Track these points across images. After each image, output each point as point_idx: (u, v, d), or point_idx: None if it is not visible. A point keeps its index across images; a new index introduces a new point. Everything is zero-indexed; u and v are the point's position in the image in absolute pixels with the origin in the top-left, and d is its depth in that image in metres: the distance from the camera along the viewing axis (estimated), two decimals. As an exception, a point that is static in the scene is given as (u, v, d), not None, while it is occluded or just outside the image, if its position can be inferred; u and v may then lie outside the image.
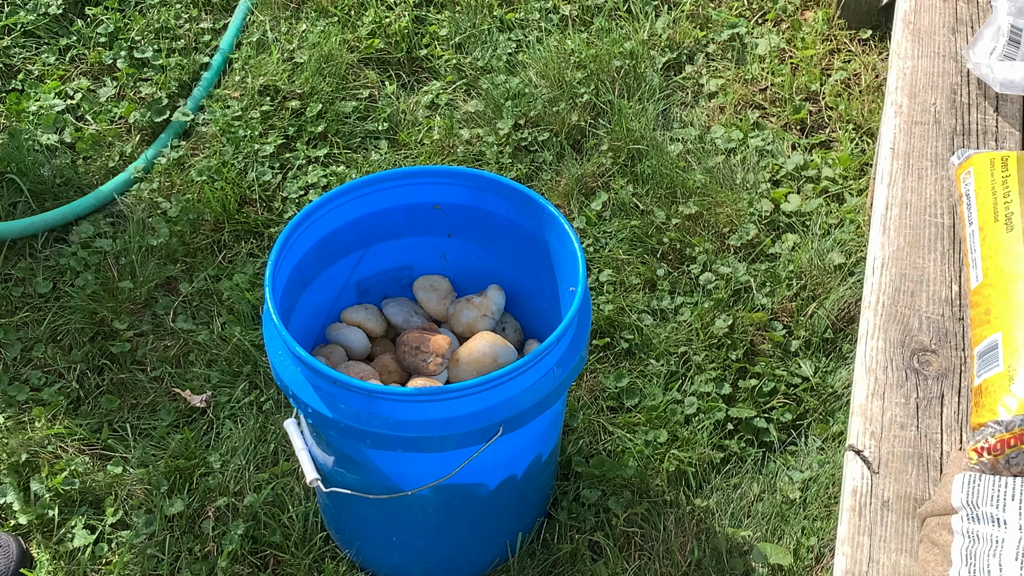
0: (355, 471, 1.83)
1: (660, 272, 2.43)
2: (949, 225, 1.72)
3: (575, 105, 2.70)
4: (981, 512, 1.33)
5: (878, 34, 2.84)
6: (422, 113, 2.73)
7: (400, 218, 1.98)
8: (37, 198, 2.56)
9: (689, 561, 2.05)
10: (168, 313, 2.40)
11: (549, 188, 2.58)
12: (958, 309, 1.63)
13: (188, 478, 2.15)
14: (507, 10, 2.91)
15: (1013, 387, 1.42)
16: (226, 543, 2.07)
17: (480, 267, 2.06)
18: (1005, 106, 1.87)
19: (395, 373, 1.95)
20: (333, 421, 1.70)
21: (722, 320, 2.33)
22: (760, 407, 2.24)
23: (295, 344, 1.67)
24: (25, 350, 2.35)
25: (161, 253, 2.47)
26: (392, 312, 2.04)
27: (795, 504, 2.12)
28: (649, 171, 2.57)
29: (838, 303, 2.36)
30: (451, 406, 1.68)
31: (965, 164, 1.71)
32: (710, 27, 2.89)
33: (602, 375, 2.29)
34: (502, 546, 2.04)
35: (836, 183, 2.58)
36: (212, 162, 2.60)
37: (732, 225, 2.49)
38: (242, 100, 2.72)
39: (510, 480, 1.90)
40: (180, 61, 2.80)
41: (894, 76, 1.93)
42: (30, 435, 2.20)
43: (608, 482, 2.14)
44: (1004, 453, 1.41)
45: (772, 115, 2.73)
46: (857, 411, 1.53)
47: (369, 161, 2.63)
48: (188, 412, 2.26)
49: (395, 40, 2.86)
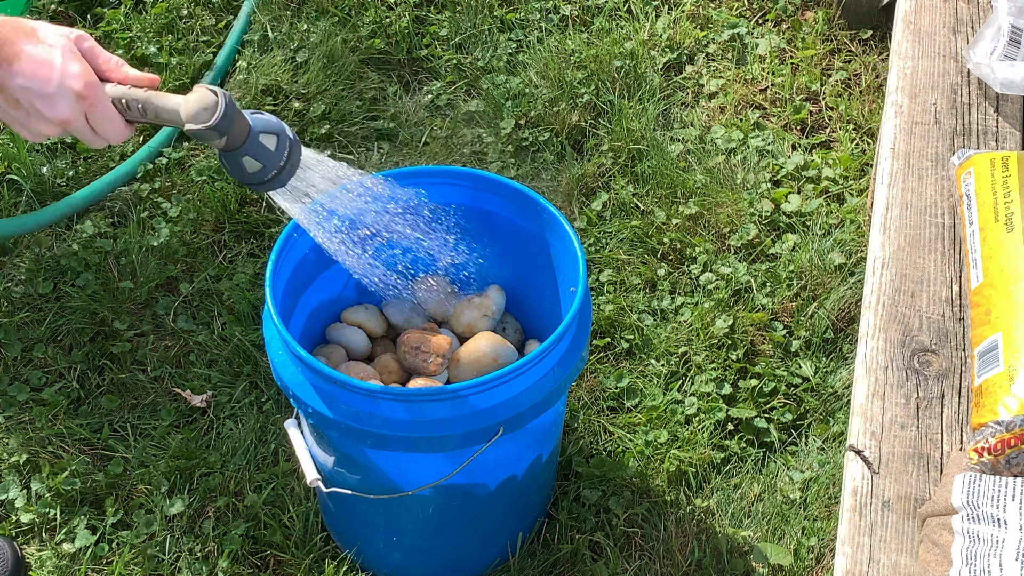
0: (355, 471, 1.83)
1: (660, 272, 2.43)
2: (949, 225, 1.72)
3: (575, 105, 2.70)
4: (981, 512, 1.33)
5: (878, 34, 2.84)
6: (423, 113, 2.73)
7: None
8: (37, 198, 2.56)
9: (689, 561, 2.05)
10: (168, 313, 2.40)
11: (550, 188, 2.58)
12: (958, 309, 1.63)
13: (188, 478, 2.15)
14: (507, 10, 2.91)
15: (1013, 387, 1.42)
16: (226, 543, 2.07)
17: (481, 267, 2.06)
18: (1005, 106, 1.87)
19: (395, 373, 1.95)
20: (333, 421, 1.70)
21: (722, 320, 2.33)
22: (760, 407, 2.24)
23: (295, 344, 1.67)
24: (25, 350, 2.35)
25: (161, 253, 2.47)
26: (392, 312, 2.04)
27: (795, 504, 2.12)
28: (649, 171, 2.57)
29: (838, 303, 2.36)
30: (451, 406, 1.68)
31: (965, 164, 1.71)
32: (710, 27, 2.89)
33: (602, 375, 2.29)
34: (502, 546, 2.04)
35: (836, 183, 2.58)
36: (213, 162, 2.60)
37: (732, 225, 2.49)
38: (244, 100, 2.71)
39: (510, 480, 1.90)
40: (182, 61, 2.80)
41: (894, 76, 1.93)
42: (31, 435, 2.20)
43: (608, 482, 2.14)
44: (1004, 453, 1.41)
45: (772, 115, 2.73)
46: (857, 411, 1.53)
47: (370, 161, 2.63)
48: (188, 412, 2.26)
49: (396, 40, 2.86)
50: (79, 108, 1.40)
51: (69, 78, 1.39)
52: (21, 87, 1.37)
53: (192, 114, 1.43)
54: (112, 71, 1.45)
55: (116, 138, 1.45)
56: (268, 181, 1.52)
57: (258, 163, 1.49)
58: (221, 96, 1.44)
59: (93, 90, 1.41)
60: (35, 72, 1.37)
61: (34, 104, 1.39)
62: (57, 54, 1.38)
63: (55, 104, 1.39)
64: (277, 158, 1.50)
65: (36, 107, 1.39)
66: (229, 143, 1.46)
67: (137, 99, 1.44)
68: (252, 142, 1.48)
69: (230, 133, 1.45)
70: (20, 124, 1.41)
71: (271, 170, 1.50)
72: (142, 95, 1.44)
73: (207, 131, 1.43)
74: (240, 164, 1.49)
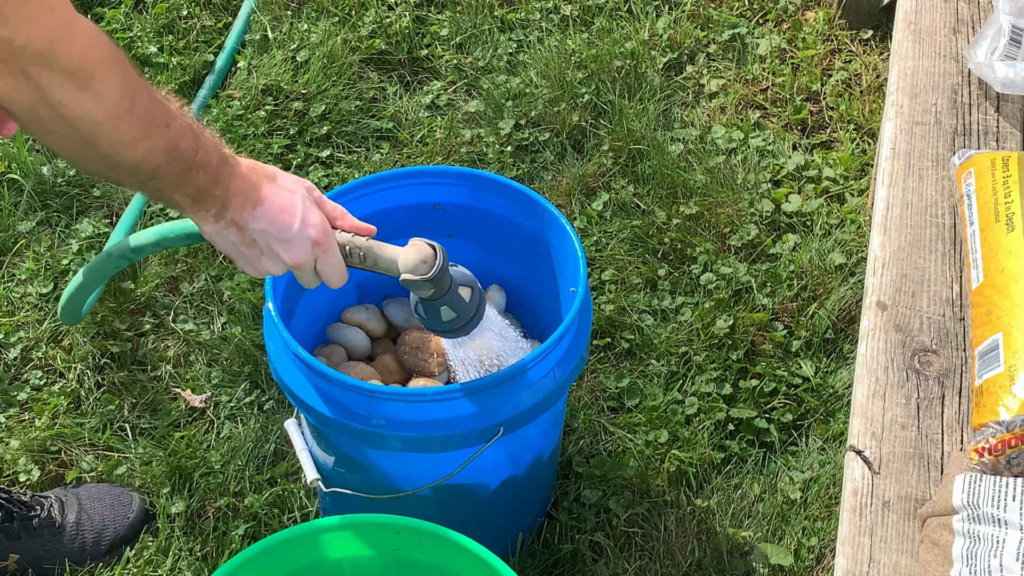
0: (356, 471, 1.83)
1: (661, 272, 2.43)
2: (950, 225, 1.72)
3: (576, 105, 2.70)
4: (982, 512, 1.33)
5: (879, 34, 2.84)
6: (423, 113, 2.73)
7: (401, 218, 1.98)
8: (39, 198, 2.56)
9: (690, 561, 2.05)
10: (169, 313, 2.40)
11: (550, 188, 2.58)
12: (959, 309, 1.63)
13: (189, 478, 2.15)
14: (508, 10, 2.91)
15: (1014, 387, 1.42)
16: (226, 543, 2.07)
17: (481, 267, 2.05)
18: (1006, 106, 1.87)
19: (396, 373, 1.95)
20: (334, 421, 1.70)
21: (723, 320, 2.33)
22: (761, 407, 2.24)
23: (296, 344, 1.67)
24: (25, 350, 2.35)
25: (162, 253, 2.47)
26: (393, 312, 2.04)
27: (796, 504, 2.12)
28: (650, 171, 2.57)
29: (839, 303, 2.36)
30: (452, 406, 1.68)
31: (966, 164, 1.71)
32: (711, 27, 2.89)
33: (603, 375, 2.29)
34: (502, 546, 2.03)
35: (837, 183, 2.57)
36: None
37: (733, 225, 2.49)
38: (244, 99, 2.71)
39: (511, 480, 1.90)
40: (182, 61, 2.80)
41: (895, 76, 1.93)
42: (31, 435, 2.20)
43: (609, 482, 2.14)
44: (1005, 453, 1.41)
45: (773, 115, 2.72)
46: (858, 411, 1.53)
47: (370, 161, 2.63)
48: (189, 412, 2.26)
49: (396, 40, 2.86)
50: (312, 254, 1.47)
51: (308, 226, 1.45)
52: (262, 230, 1.43)
53: (411, 266, 1.52)
54: (337, 219, 1.52)
55: (338, 283, 1.52)
56: (456, 330, 1.61)
57: (454, 313, 1.58)
58: (439, 251, 1.53)
59: (328, 238, 1.48)
60: (276, 217, 1.43)
61: (272, 247, 1.44)
62: (298, 201, 1.44)
63: (292, 248, 1.45)
64: (470, 309, 1.59)
65: (273, 249, 1.44)
66: (435, 294, 1.55)
67: (360, 247, 1.53)
68: (452, 293, 1.56)
69: (439, 285, 1.53)
70: (249, 262, 1.46)
71: (463, 320, 1.59)
72: (364, 244, 1.53)
73: (423, 282, 1.52)
74: (437, 312, 1.58)
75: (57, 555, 2.03)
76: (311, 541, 1.63)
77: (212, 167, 1.36)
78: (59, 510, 2.04)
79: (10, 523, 2.00)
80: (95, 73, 1.19)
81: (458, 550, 1.59)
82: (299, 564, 1.63)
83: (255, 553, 1.58)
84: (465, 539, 1.58)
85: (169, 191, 1.36)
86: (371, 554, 1.65)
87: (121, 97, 1.23)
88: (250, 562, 1.57)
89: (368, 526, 1.63)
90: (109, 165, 1.29)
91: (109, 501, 2.08)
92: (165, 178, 1.33)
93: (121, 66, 1.23)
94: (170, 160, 1.31)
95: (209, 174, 1.36)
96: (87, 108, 1.20)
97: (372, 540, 1.64)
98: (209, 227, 1.42)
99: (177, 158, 1.31)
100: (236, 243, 1.44)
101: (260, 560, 1.58)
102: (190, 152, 1.32)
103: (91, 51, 1.19)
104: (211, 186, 1.37)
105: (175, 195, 1.36)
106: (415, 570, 1.65)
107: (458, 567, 1.60)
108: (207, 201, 1.38)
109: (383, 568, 1.66)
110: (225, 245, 1.44)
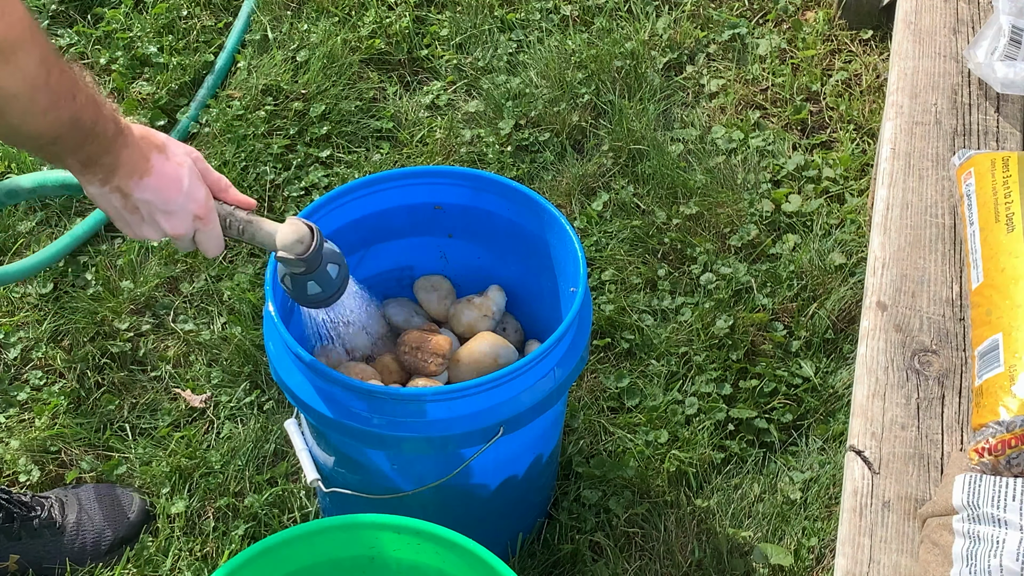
0: (355, 471, 1.83)
1: (661, 272, 2.43)
2: (950, 225, 1.72)
3: (576, 105, 2.70)
4: (982, 513, 1.33)
5: (879, 34, 2.84)
6: (423, 113, 2.73)
7: (401, 218, 1.98)
8: (39, 198, 2.56)
9: (690, 561, 2.05)
10: (169, 313, 2.40)
11: (550, 188, 2.58)
12: (959, 309, 1.63)
13: (188, 478, 2.15)
14: (508, 10, 2.91)
15: (1014, 387, 1.42)
16: (226, 543, 2.07)
17: (481, 267, 2.06)
18: (1006, 106, 1.87)
19: (396, 373, 1.95)
20: (334, 421, 1.70)
21: (723, 320, 2.33)
22: (761, 407, 2.24)
23: (296, 344, 1.67)
24: (26, 350, 2.35)
25: (162, 253, 2.47)
26: (393, 312, 2.04)
27: (796, 504, 2.12)
28: (650, 171, 2.57)
29: (839, 303, 2.36)
30: (451, 406, 1.68)
31: (966, 164, 1.71)
32: (711, 27, 2.89)
33: (603, 375, 2.29)
34: (503, 546, 2.03)
35: (837, 183, 2.57)
36: (213, 162, 2.60)
37: (733, 225, 2.49)
38: (244, 99, 2.71)
39: (511, 480, 1.90)
40: (182, 61, 2.80)
41: (895, 76, 1.93)
42: (31, 435, 2.20)
43: (609, 482, 2.14)
44: (1005, 454, 1.41)
45: (773, 115, 2.72)
46: (858, 411, 1.53)
47: (370, 161, 2.63)
48: (189, 412, 2.26)
49: (396, 40, 2.85)
50: (192, 227, 1.49)
51: (192, 200, 1.47)
52: (146, 200, 1.45)
53: (287, 244, 1.55)
54: (220, 192, 1.54)
55: (213, 253, 1.54)
56: (319, 303, 1.65)
57: (319, 287, 1.61)
58: (316, 232, 1.57)
59: (209, 212, 1.51)
60: (162, 188, 1.45)
61: (153, 216, 1.46)
62: (185, 173, 1.47)
63: (173, 220, 1.47)
64: (335, 285, 1.63)
65: (155, 219, 1.47)
66: (306, 271, 1.58)
67: (239, 220, 1.55)
68: (320, 270, 1.59)
69: (310, 264, 1.57)
70: (128, 226, 1.48)
71: (327, 294, 1.63)
72: (244, 217, 1.55)
73: (296, 261, 1.56)
74: (304, 287, 1.61)
75: (57, 555, 2.03)
76: (311, 541, 1.63)
77: (107, 137, 1.38)
78: (59, 510, 2.04)
79: (10, 524, 2.00)
80: (17, 47, 1.21)
81: (458, 550, 1.59)
82: (299, 564, 1.63)
83: (255, 553, 1.58)
84: (465, 539, 1.58)
85: (64, 156, 1.38)
86: (371, 554, 1.65)
87: (39, 70, 1.25)
88: (250, 562, 1.57)
89: (368, 526, 1.63)
90: (13, 134, 1.31)
91: (109, 501, 2.08)
92: (63, 145, 1.35)
93: (40, 39, 1.25)
94: (71, 130, 1.33)
95: (103, 144, 1.38)
96: (7, 82, 1.22)
97: (372, 540, 1.64)
98: (95, 189, 1.44)
99: (78, 128, 1.34)
100: (119, 208, 1.46)
101: (260, 560, 1.58)
102: (89, 123, 1.35)
103: (16, 26, 1.21)
104: (102, 154, 1.39)
105: (67, 159, 1.39)
106: (415, 570, 1.65)
107: (458, 567, 1.60)
108: (96, 167, 1.41)
109: (383, 568, 1.66)
110: (107, 207, 1.47)
